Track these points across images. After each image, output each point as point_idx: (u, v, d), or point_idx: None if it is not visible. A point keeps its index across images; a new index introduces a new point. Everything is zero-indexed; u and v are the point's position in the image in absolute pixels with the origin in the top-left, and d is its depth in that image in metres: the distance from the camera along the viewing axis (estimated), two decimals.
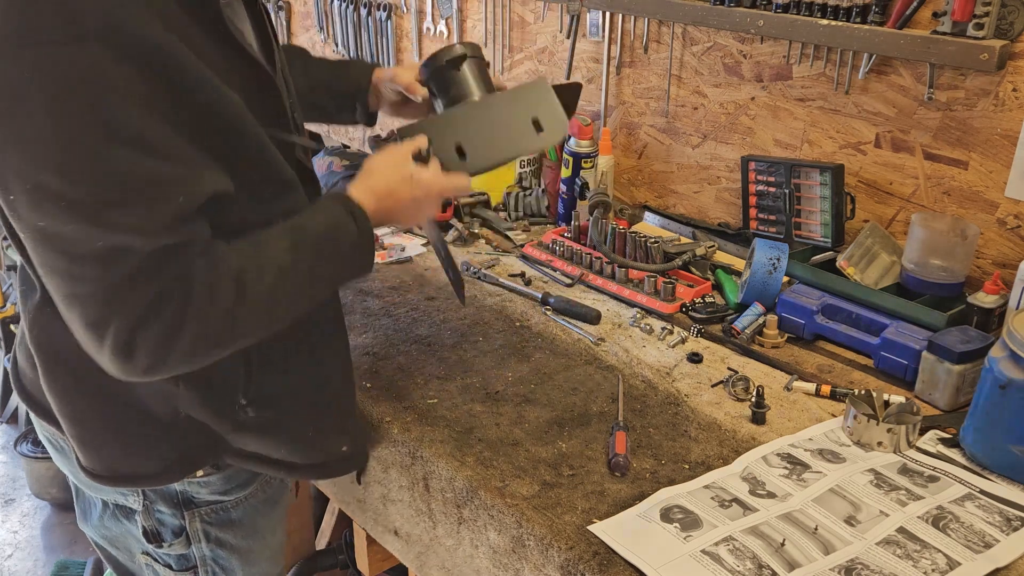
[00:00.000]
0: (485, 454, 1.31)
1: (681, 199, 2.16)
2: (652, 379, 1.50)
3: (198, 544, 1.32)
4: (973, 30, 1.53)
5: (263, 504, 1.37)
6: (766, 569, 1.08)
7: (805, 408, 1.43)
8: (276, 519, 1.42)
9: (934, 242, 1.61)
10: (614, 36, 2.15)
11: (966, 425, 1.32)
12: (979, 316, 1.51)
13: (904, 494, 1.22)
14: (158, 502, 1.28)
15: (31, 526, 2.97)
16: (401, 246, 2.01)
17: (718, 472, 1.27)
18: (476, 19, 2.51)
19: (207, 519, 1.31)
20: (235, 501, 1.32)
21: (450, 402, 1.44)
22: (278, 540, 1.45)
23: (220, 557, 1.35)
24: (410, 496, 1.39)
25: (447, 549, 1.35)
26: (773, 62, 1.88)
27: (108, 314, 0.98)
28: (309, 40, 3.17)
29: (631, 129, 2.21)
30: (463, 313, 1.72)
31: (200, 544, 1.32)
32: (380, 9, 2.80)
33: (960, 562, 1.10)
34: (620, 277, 1.82)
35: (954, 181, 1.68)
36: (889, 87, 1.72)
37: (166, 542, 1.31)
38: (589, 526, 1.16)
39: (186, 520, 1.30)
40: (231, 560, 1.36)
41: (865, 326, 1.59)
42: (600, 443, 1.34)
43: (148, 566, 1.36)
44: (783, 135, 1.92)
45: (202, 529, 1.31)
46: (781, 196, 1.82)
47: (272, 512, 1.40)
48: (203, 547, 1.33)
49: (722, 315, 1.70)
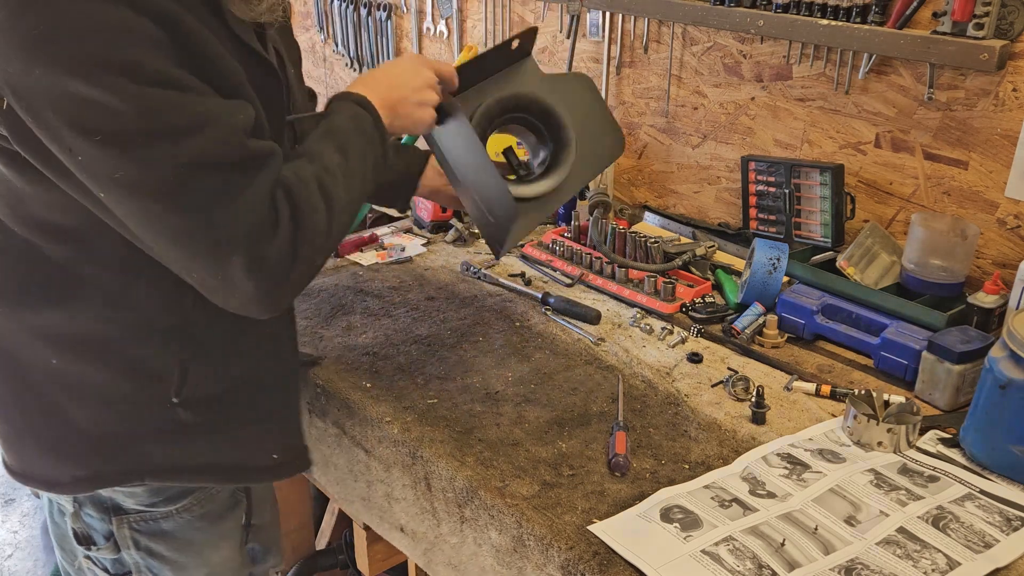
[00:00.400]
0: (485, 454, 1.31)
1: (681, 199, 2.16)
2: (652, 379, 1.51)
3: (128, 551, 1.29)
4: (973, 30, 1.53)
5: (199, 519, 1.32)
6: (766, 569, 1.08)
7: (805, 408, 1.43)
8: (219, 536, 1.36)
9: (934, 242, 1.61)
10: (614, 36, 2.15)
11: (966, 425, 1.32)
12: (979, 316, 1.51)
13: (904, 494, 1.22)
14: (87, 505, 1.26)
15: (31, 526, 2.97)
16: (401, 246, 2.01)
17: (718, 472, 1.27)
18: (476, 19, 2.51)
19: (135, 527, 1.28)
20: (164, 513, 1.28)
21: (450, 402, 1.44)
22: (222, 558, 1.38)
23: (153, 566, 1.32)
24: (413, 495, 1.39)
25: (452, 547, 1.35)
26: (773, 62, 1.88)
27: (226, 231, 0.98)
28: (309, 40, 3.17)
29: (631, 129, 2.21)
30: (463, 313, 1.72)
31: (130, 551, 1.29)
32: (380, 9, 2.80)
33: (960, 562, 1.10)
34: (620, 277, 1.82)
35: (954, 181, 1.68)
36: (889, 87, 1.72)
37: (96, 545, 1.29)
38: (589, 526, 1.16)
39: (114, 525, 1.27)
40: (164, 571, 1.32)
41: (865, 326, 1.59)
42: (600, 443, 1.34)
43: (89, 569, 1.34)
44: (783, 135, 1.92)
45: (131, 536, 1.28)
46: (781, 196, 1.82)
47: (212, 528, 1.34)
48: (133, 554, 1.30)
49: (722, 315, 1.70)
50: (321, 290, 1.81)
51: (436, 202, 1.65)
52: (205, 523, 1.33)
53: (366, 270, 1.91)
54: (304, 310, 1.73)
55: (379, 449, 1.42)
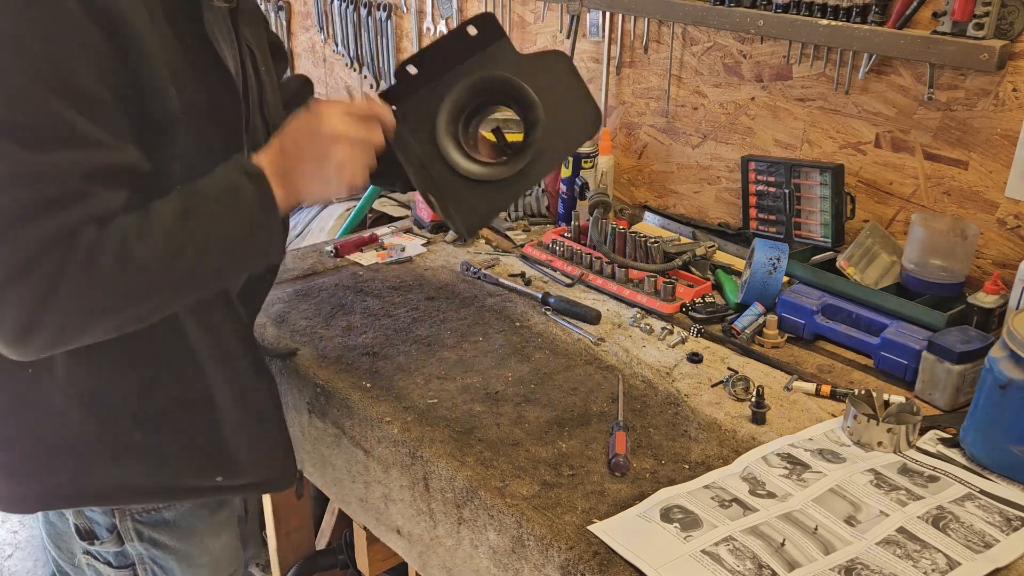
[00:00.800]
0: (485, 454, 1.31)
1: (681, 199, 2.16)
2: (652, 379, 1.50)
3: (131, 543, 1.30)
4: (973, 30, 1.53)
5: (201, 507, 1.33)
6: (766, 569, 1.08)
7: (805, 408, 1.43)
8: (219, 523, 1.37)
9: (934, 242, 1.61)
10: (614, 36, 2.15)
11: (966, 425, 1.32)
12: (979, 316, 1.51)
13: (904, 494, 1.22)
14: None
15: (31, 526, 2.97)
16: (401, 246, 2.01)
17: (718, 472, 1.27)
18: None
19: (138, 518, 1.28)
20: (166, 503, 1.29)
21: (450, 402, 1.44)
22: (222, 544, 1.40)
23: (157, 557, 1.32)
24: (411, 496, 1.39)
25: (447, 549, 1.35)
26: (773, 62, 1.88)
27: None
28: (309, 40, 3.17)
29: (631, 129, 2.21)
30: (463, 313, 1.72)
31: (134, 543, 1.30)
32: (380, 9, 2.80)
33: (960, 562, 1.10)
34: (620, 277, 1.82)
35: (954, 181, 1.68)
36: (889, 87, 1.72)
37: (99, 539, 1.29)
38: (589, 526, 1.16)
39: (116, 518, 1.27)
40: (168, 560, 1.33)
41: (865, 326, 1.59)
42: (600, 443, 1.34)
43: (89, 566, 1.34)
44: (783, 135, 1.92)
45: (134, 528, 1.28)
46: (781, 196, 1.82)
47: (212, 517, 1.35)
48: (137, 545, 1.30)
49: (722, 315, 1.70)
50: (321, 290, 1.81)
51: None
52: (206, 511, 1.35)
53: (366, 270, 1.91)
54: (304, 310, 1.73)
55: (378, 449, 1.41)
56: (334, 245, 1.99)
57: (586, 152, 2.05)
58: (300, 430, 1.61)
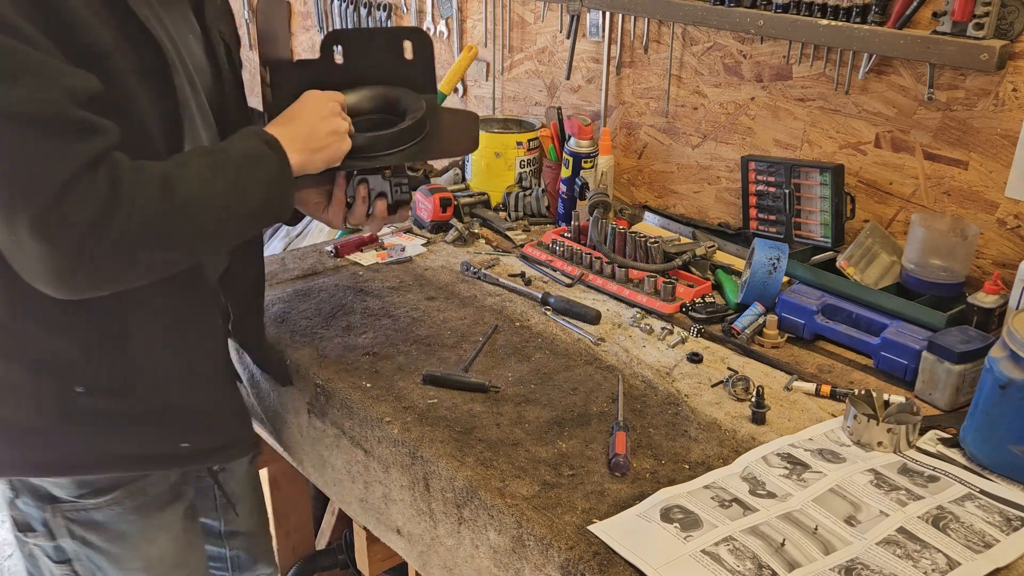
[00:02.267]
0: (485, 454, 1.31)
1: (681, 199, 2.16)
2: (652, 379, 1.50)
3: (63, 539, 1.29)
4: (973, 30, 1.53)
5: (131, 512, 1.31)
6: (766, 569, 1.08)
7: (805, 408, 1.43)
8: (155, 529, 1.35)
9: (934, 242, 1.61)
10: (614, 36, 2.15)
11: (966, 425, 1.32)
12: (979, 316, 1.51)
13: (904, 494, 1.22)
14: (23, 493, 1.27)
15: None
16: (401, 246, 2.01)
17: (718, 472, 1.27)
18: (476, 19, 2.51)
19: (69, 516, 1.28)
20: (95, 504, 1.28)
21: (450, 402, 1.44)
22: (159, 551, 1.37)
23: (90, 555, 1.32)
24: (411, 496, 1.39)
25: (448, 549, 1.35)
26: (773, 62, 1.88)
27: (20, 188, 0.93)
28: (309, 40, 3.17)
29: (631, 129, 2.21)
30: (463, 313, 1.72)
31: (65, 539, 1.29)
32: (380, 9, 2.80)
33: (960, 562, 1.10)
34: (620, 277, 1.82)
35: (954, 181, 1.68)
36: (889, 87, 1.72)
37: (34, 531, 1.29)
38: (589, 526, 1.16)
39: (48, 514, 1.27)
40: (99, 560, 1.32)
41: (865, 326, 1.59)
42: (600, 443, 1.34)
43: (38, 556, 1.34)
44: (783, 135, 1.92)
45: (65, 525, 1.28)
46: (781, 196, 1.82)
47: (145, 521, 1.33)
48: (69, 542, 1.30)
49: (722, 315, 1.70)
50: (321, 290, 1.81)
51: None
52: (137, 516, 1.33)
53: (366, 270, 1.91)
54: (304, 310, 1.73)
55: (378, 449, 1.41)
56: (334, 245, 1.99)
57: (586, 152, 2.05)
58: (299, 430, 1.61)
